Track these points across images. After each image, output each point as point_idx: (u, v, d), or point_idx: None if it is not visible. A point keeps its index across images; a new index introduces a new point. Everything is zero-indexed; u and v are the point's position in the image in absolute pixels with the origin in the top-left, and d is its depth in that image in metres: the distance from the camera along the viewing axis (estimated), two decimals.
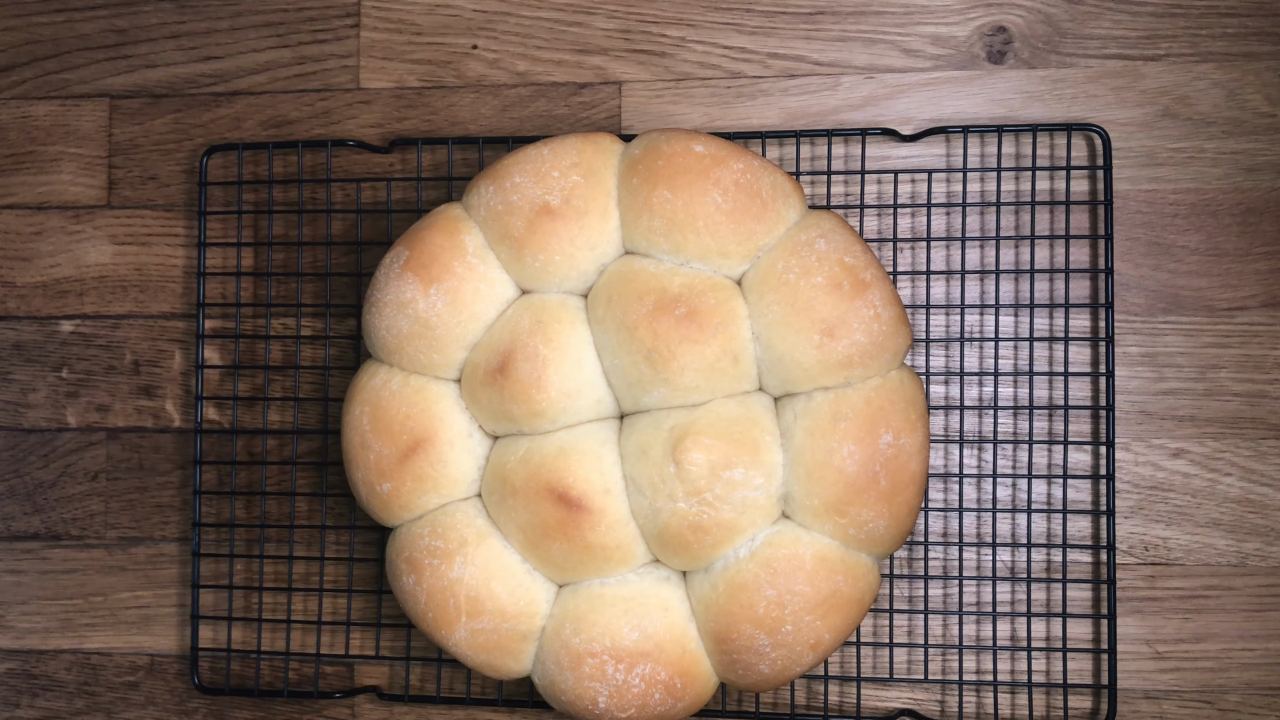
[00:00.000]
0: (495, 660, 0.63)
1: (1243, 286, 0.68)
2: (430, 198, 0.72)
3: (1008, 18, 0.70)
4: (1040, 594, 0.67)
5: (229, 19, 0.75)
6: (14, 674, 0.75)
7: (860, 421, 0.59)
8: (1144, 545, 0.68)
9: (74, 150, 0.76)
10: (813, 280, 0.59)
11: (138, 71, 0.75)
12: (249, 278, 0.73)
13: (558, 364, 0.60)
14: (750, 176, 0.61)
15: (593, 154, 0.62)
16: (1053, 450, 0.68)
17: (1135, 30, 0.69)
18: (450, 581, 0.61)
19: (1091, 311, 0.68)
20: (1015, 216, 0.69)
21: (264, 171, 0.73)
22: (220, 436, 0.73)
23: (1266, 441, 0.67)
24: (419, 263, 0.62)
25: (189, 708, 0.73)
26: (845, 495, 0.58)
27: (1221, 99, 0.68)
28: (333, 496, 0.71)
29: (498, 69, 0.73)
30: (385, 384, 0.63)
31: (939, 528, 0.68)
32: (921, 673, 0.68)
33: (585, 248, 0.61)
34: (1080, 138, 0.68)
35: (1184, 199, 0.68)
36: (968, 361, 0.68)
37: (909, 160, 0.70)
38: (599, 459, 0.60)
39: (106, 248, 0.75)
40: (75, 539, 0.74)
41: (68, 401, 0.75)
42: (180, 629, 0.73)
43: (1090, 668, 0.67)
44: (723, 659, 0.61)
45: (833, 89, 0.70)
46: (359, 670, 0.72)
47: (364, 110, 0.73)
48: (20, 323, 0.76)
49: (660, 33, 0.72)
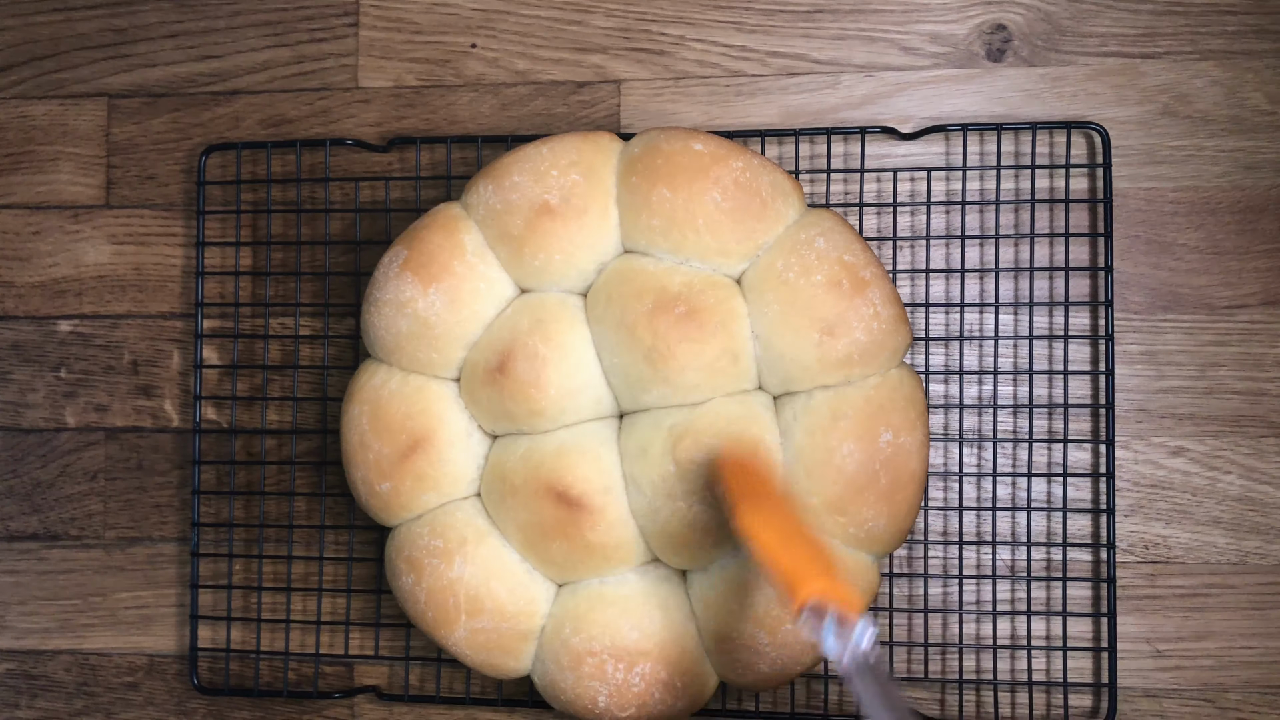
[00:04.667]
0: (495, 660, 0.63)
1: (1242, 284, 0.68)
2: (429, 197, 0.72)
3: (1007, 16, 0.70)
4: (1040, 592, 0.67)
5: (227, 18, 0.75)
6: (13, 674, 0.74)
7: (860, 420, 0.59)
8: (1144, 544, 0.68)
9: (72, 150, 0.76)
10: (812, 279, 0.59)
11: (136, 71, 0.75)
12: (247, 277, 0.73)
13: (557, 363, 0.60)
14: (750, 175, 0.61)
15: (592, 153, 0.62)
16: (1052, 449, 0.68)
17: (1135, 28, 0.69)
18: (450, 581, 0.61)
19: (1091, 310, 0.68)
20: (1015, 215, 0.69)
21: (262, 171, 0.73)
22: (219, 436, 0.73)
23: (1266, 440, 0.67)
24: (418, 262, 0.62)
25: (188, 708, 0.73)
26: (845, 494, 0.58)
27: (1221, 97, 0.68)
28: (332, 496, 0.71)
29: (497, 68, 0.73)
30: (384, 383, 0.63)
31: (938, 526, 0.68)
32: (921, 672, 0.67)
33: (584, 247, 0.61)
34: (1080, 136, 0.68)
35: (1184, 197, 0.68)
36: (967, 360, 0.68)
37: (908, 158, 0.70)
38: (599, 458, 0.60)
39: (105, 247, 0.75)
40: (74, 539, 0.74)
41: (66, 401, 0.75)
42: (179, 629, 0.73)
43: (1090, 666, 0.67)
44: (723, 658, 0.60)
45: (832, 87, 0.70)
46: (358, 670, 0.71)
47: (362, 109, 0.73)
48: (18, 323, 0.75)
49: (659, 31, 0.72)
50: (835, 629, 0.47)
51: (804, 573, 0.49)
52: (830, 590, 0.48)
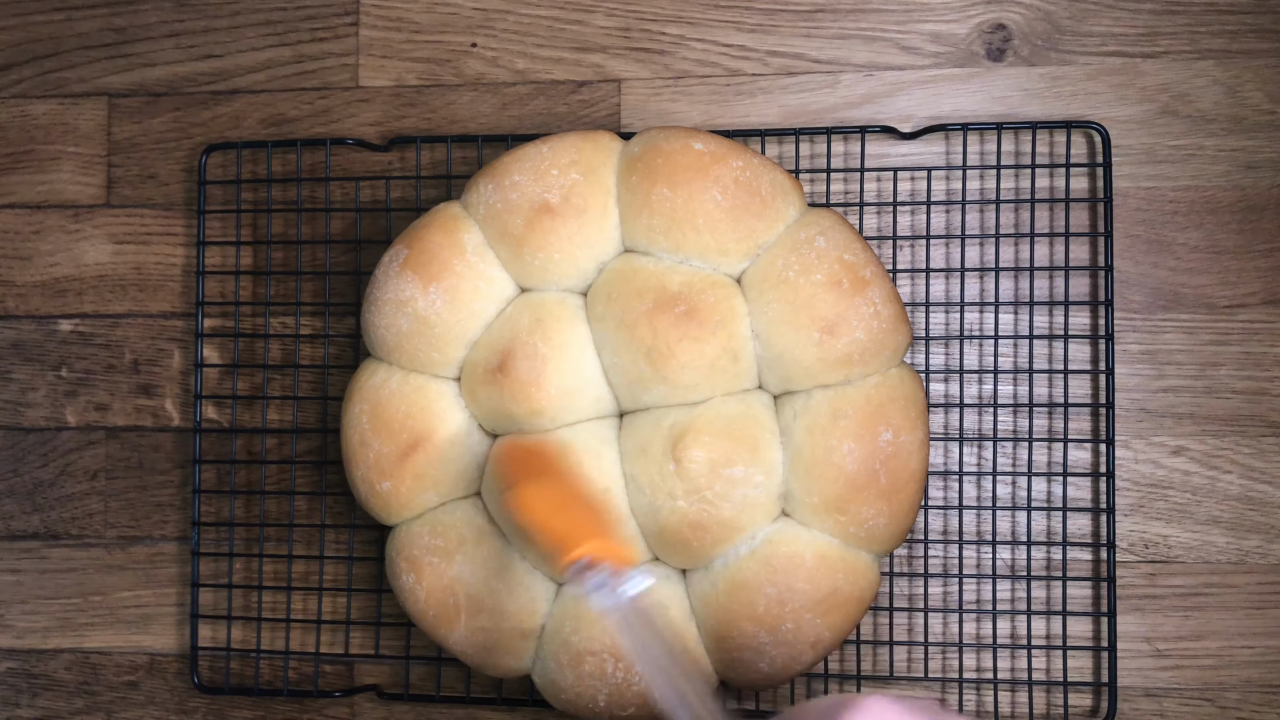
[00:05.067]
0: (495, 659, 0.63)
1: (1242, 284, 0.68)
2: (429, 196, 0.72)
3: (1007, 15, 0.70)
4: (1040, 592, 0.67)
5: (228, 18, 0.75)
6: (14, 673, 0.74)
7: (860, 419, 0.59)
8: (1144, 543, 0.68)
9: (73, 149, 0.76)
10: (812, 278, 0.59)
11: (137, 70, 0.75)
12: (248, 276, 0.73)
13: (557, 362, 0.60)
14: (750, 174, 0.61)
15: (592, 152, 0.62)
16: (1052, 448, 0.68)
17: (1135, 27, 0.69)
18: (450, 580, 0.61)
19: (1091, 309, 0.68)
20: (1015, 214, 0.69)
21: (263, 170, 0.73)
22: (219, 435, 0.73)
23: (1266, 439, 0.67)
24: (418, 261, 0.62)
25: (189, 707, 0.73)
26: (845, 493, 0.58)
27: (1221, 96, 0.68)
28: (332, 495, 0.71)
29: (497, 67, 0.73)
30: (385, 382, 0.63)
31: (939, 525, 0.68)
32: (921, 671, 0.67)
33: (584, 246, 0.61)
34: (1080, 135, 0.68)
35: (1184, 196, 0.68)
36: (967, 359, 0.68)
37: (908, 158, 0.70)
38: (599, 457, 0.60)
39: (105, 247, 0.75)
40: (75, 538, 0.74)
41: (67, 400, 0.75)
42: (180, 628, 0.73)
43: (1090, 665, 0.67)
44: (723, 657, 0.61)
45: (832, 87, 0.70)
46: (359, 669, 0.72)
47: (363, 109, 0.73)
48: (19, 322, 0.76)
49: (659, 30, 0.72)
50: (605, 583, 0.49)
51: (575, 535, 0.51)
52: (601, 549, 0.50)
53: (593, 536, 0.51)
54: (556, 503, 0.54)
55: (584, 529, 0.52)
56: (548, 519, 0.53)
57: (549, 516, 0.53)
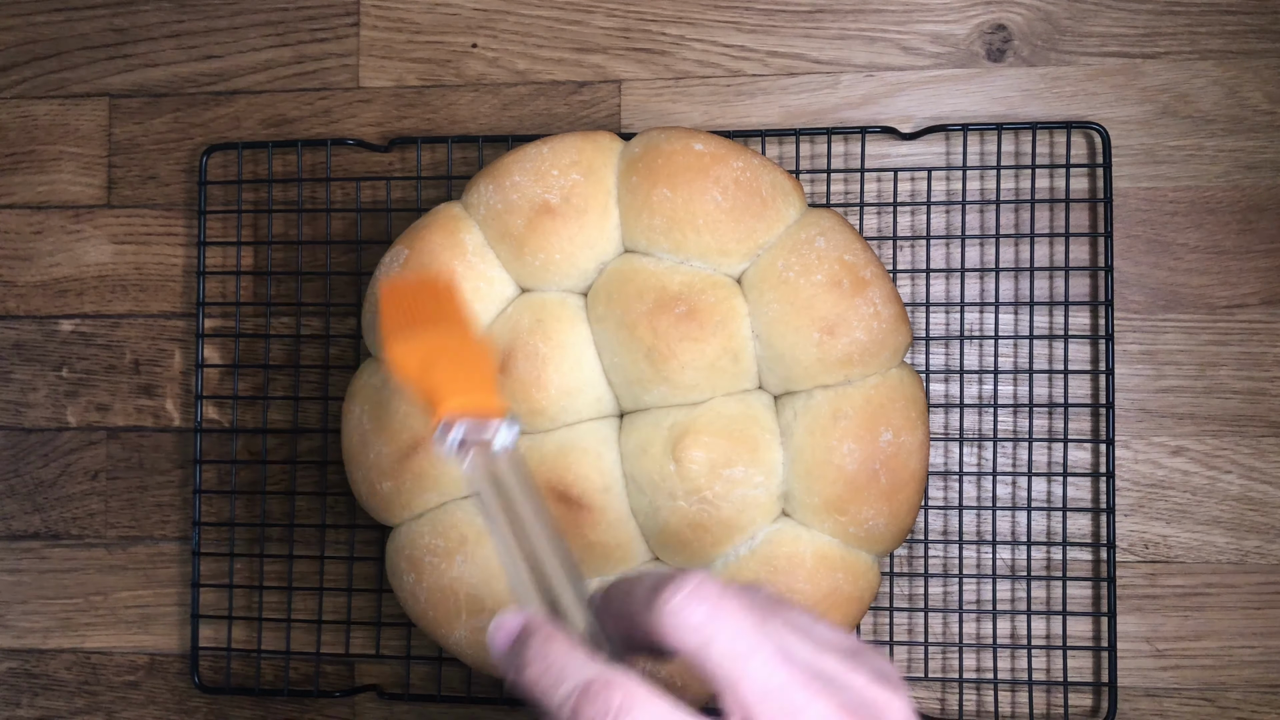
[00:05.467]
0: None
1: (1242, 284, 0.68)
2: (430, 196, 0.72)
3: (1007, 16, 0.70)
4: (1040, 592, 0.67)
5: (228, 18, 0.75)
6: (14, 673, 0.75)
7: (860, 419, 0.59)
8: (1144, 543, 0.68)
9: (73, 150, 0.76)
10: (812, 278, 0.59)
11: (137, 71, 0.75)
12: (249, 277, 0.73)
13: (557, 362, 0.60)
14: (750, 175, 0.61)
15: (592, 152, 0.62)
16: (1052, 448, 0.68)
17: (1135, 28, 0.69)
18: (451, 580, 0.61)
19: (1091, 309, 0.68)
20: (1015, 214, 0.69)
21: (263, 170, 0.73)
22: (220, 435, 0.73)
23: (1266, 439, 0.67)
24: (419, 261, 0.62)
25: (189, 707, 0.73)
26: (845, 493, 0.58)
27: (1221, 96, 0.68)
28: (333, 495, 0.71)
29: (497, 68, 0.73)
30: (385, 383, 0.63)
31: (939, 525, 0.68)
32: (921, 671, 0.68)
33: (585, 246, 0.61)
34: (1080, 135, 0.68)
35: (1184, 196, 0.68)
36: (967, 359, 0.68)
37: (909, 158, 0.70)
38: (599, 457, 0.60)
39: (106, 247, 0.75)
40: (75, 538, 0.74)
41: (68, 401, 0.75)
42: (181, 628, 0.73)
43: (1090, 665, 0.67)
44: None
45: (832, 87, 0.71)
46: (359, 669, 0.72)
47: (364, 109, 0.73)
48: (20, 322, 0.76)
49: (660, 31, 0.72)
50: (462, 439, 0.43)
51: (446, 390, 0.44)
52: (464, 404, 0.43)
53: (461, 390, 0.44)
54: (430, 357, 0.47)
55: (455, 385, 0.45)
56: (419, 377, 0.46)
57: (420, 374, 0.46)
